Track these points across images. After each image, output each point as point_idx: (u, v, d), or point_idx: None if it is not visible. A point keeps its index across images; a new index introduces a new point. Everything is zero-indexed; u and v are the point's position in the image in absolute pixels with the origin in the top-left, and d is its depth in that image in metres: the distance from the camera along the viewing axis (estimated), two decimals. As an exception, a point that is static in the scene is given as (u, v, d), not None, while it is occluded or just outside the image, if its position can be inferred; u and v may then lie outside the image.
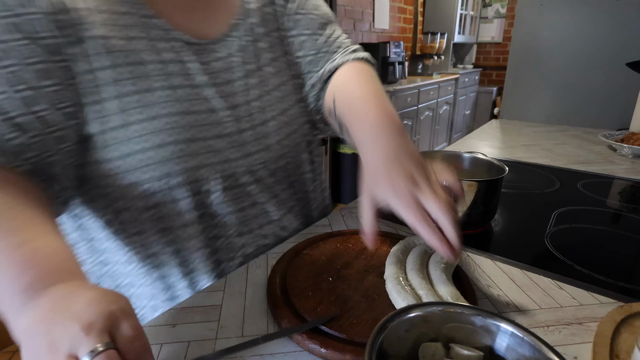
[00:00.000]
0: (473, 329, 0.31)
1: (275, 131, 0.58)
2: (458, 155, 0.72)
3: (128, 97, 0.45)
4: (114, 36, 0.45)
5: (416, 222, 0.37)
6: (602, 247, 0.58)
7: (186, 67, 0.50)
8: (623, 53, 1.37)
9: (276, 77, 0.58)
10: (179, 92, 0.49)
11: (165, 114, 0.47)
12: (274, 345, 0.38)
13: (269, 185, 0.58)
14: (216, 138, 0.51)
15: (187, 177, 0.49)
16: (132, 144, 0.46)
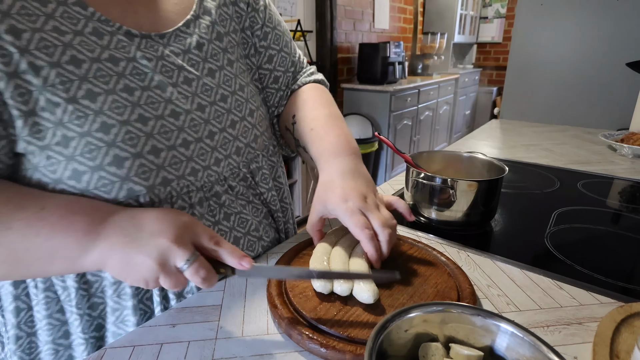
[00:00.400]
0: (473, 329, 0.31)
1: (244, 134, 0.53)
2: (458, 155, 0.72)
3: (62, 107, 0.37)
4: (28, 29, 0.36)
5: (360, 230, 0.41)
6: (602, 247, 0.58)
7: (138, 64, 0.43)
8: (623, 53, 1.37)
9: (238, 79, 0.54)
10: (135, 95, 0.41)
11: (115, 123, 0.39)
12: (274, 345, 0.38)
13: (241, 193, 0.54)
14: (183, 146, 0.45)
15: (155, 194, 0.43)
16: (77, 163, 0.38)
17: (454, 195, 0.59)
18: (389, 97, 2.77)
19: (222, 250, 0.36)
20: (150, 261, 0.33)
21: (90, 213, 0.36)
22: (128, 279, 0.35)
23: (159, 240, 0.33)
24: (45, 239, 0.34)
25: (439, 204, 0.61)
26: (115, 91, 0.40)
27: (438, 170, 0.72)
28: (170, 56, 0.46)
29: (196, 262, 0.33)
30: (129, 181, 0.41)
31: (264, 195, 0.58)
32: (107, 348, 0.38)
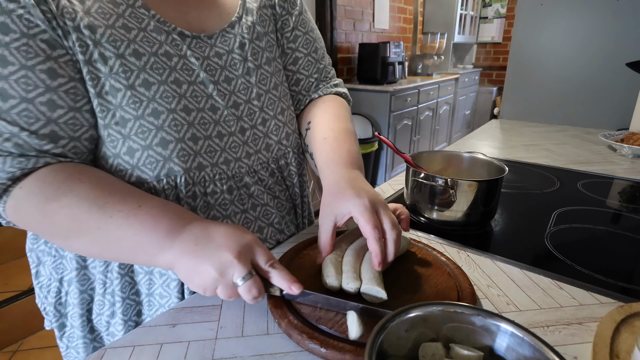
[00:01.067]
0: (473, 329, 0.31)
1: (275, 131, 0.57)
2: (458, 155, 0.72)
3: (121, 92, 0.44)
4: (102, 25, 0.42)
5: (372, 228, 0.41)
6: (602, 247, 0.58)
7: (188, 61, 0.49)
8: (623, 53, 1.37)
9: (273, 77, 0.58)
10: (183, 88, 0.47)
11: (165, 110, 0.46)
12: (274, 345, 0.38)
13: (269, 187, 0.58)
14: (218, 137, 0.50)
15: (190, 177, 0.48)
16: (132, 142, 0.45)
17: (454, 195, 0.59)
18: (389, 97, 2.77)
19: (275, 273, 0.38)
20: (213, 271, 0.36)
21: (174, 218, 0.40)
22: (190, 283, 0.38)
23: (223, 253, 0.36)
24: (134, 233, 0.39)
25: (439, 204, 0.61)
26: (166, 82, 0.46)
27: (438, 170, 0.72)
28: (215, 56, 0.51)
29: (250, 280, 0.36)
30: (170, 161, 0.47)
31: (290, 191, 0.62)
32: (107, 348, 0.38)
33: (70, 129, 0.42)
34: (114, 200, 0.40)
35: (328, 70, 0.69)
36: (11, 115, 0.38)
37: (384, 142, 0.71)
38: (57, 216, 0.39)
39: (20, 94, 0.38)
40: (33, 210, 0.39)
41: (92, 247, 0.41)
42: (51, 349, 1.49)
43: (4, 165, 0.38)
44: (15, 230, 1.76)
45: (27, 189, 0.39)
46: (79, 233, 0.39)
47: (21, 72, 0.38)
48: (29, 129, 0.39)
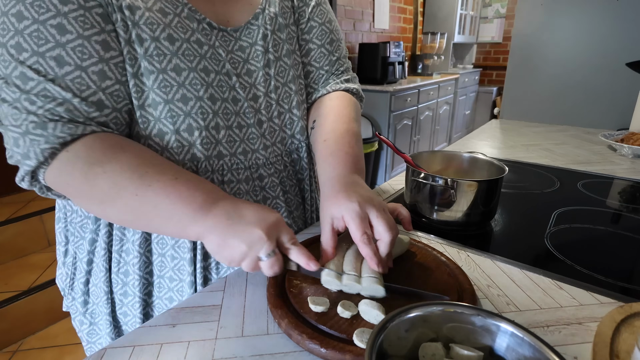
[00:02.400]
0: (473, 329, 0.31)
1: (289, 124, 0.59)
2: (458, 155, 0.72)
3: (154, 75, 0.45)
4: (143, 7, 0.44)
5: (361, 234, 0.41)
6: (602, 247, 0.58)
7: (216, 52, 0.50)
8: (623, 53, 1.37)
9: (291, 70, 0.59)
10: (210, 77, 0.49)
11: (193, 97, 0.47)
12: (274, 345, 0.38)
13: (281, 180, 0.59)
14: (237, 128, 0.52)
15: (210, 164, 0.50)
16: (161, 125, 0.47)
17: (454, 195, 0.59)
18: (389, 97, 2.77)
19: (295, 250, 0.41)
20: (243, 246, 0.38)
21: (207, 193, 0.42)
22: (218, 255, 0.40)
23: (255, 230, 0.38)
24: (170, 202, 0.41)
25: (439, 204, 0.61)
26: (196, 69, 0.47)
27: (438, 170, 0.72)
28: (238, 50, 0.53)
29: (274, 257, 0.39)
30: (194, 147, 0.49)
31: (300, 185, 0.64)
32: (107, 348, 0.38)
33: (115, 100, 0.44)
34: (154, 171, 0.42)
35: (342, 62, 0.67)
36: (65, 81, 0.40)
37: (384, 142, 0.71)
38: (98, 180, 0.41)
39: (75, 62, 0.40)
40: (77, 173, 0.41)
41: (126, 213, 0.43)
42: (51, 349, 1.49)
43: (55, 130, 0.40)
44: (16, 230, 1.77)
45: (74, 152, 0.41)
46: (116, 198, 0.41)
47: (78, 40, 0.40)
48: (80, 95, 0.41)
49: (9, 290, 1.59)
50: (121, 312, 0.55)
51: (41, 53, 0.39)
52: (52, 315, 1.62)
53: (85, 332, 0.58)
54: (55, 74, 0.39)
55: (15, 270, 1.72)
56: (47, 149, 0.40)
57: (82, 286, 0.56)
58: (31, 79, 0.39)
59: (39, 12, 0.38)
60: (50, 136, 0.40)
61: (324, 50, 0.64)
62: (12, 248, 1.80)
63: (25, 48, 0.38)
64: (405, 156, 0.64)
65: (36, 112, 0.39)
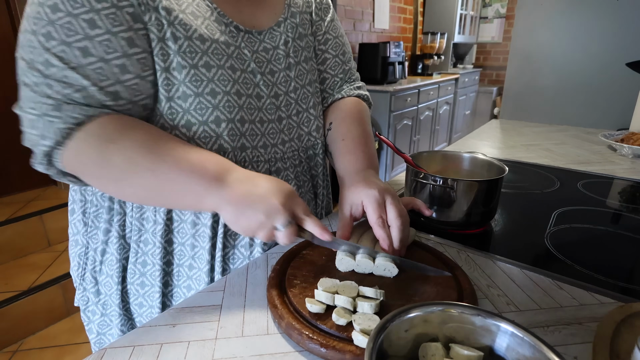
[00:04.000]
0: (473, 329, 0.31)
1: (306, 122, 0.63)
2: (458, 155, 0.72)
3: (186, 70, 0.48)
4: (177, 9, 0.48)
5: (377, 217, 0.46)
6: (602, 247, 0.58)
7: (241, 52, 0.54)
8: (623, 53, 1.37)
9: (309, 74, 0.64)
10: (236, 74, 0.53)
11: (221, 91, 0.51)
12: (274, 345, 0.38)
13: (296, 175, 0.62)
14: (259, 123, 0.55)
15: (234, 155, 0.53)
16: (190, 116, 0.49)
17: (454, 195, 0.59)
18: (389, 97, 2.77)
19: (310, 221, 0.43)
20: (260, 215, 0.40)
21: (220, 165, 0.45)
22: (235, 225, 0.42)
23: (271, 200, 0.41)
24: (185, 175, 0.43)
25: (439, 204, 0.61)
26: (224, 67, 0.51)
27: (438, 170, 0.71)
28: (262, 51, 0.57)
29: (290, 227, 0.41)
30: (221, 139, 0.51)
31: (313, 181, 0.67)
32: (107, 348, 0.38)
33: (131, 93, 0.46)
34: (167, 147, 0.44)
35: (352, 72, 0.74)
36: (86, 70, 0.42)
37: (384, 142, 0.72)
38: (114, 157, 0.43)
39: (99, 54, 0.43)
40: (92, 151, 0.43)
41: (143, 190, 0.45)
42: (51, 349, 1.49)
43: (72, 112, 0.42)
44: (16, 230, 1.77)
45: (89, 131, 0.43)
46: (132, 174, 0.43)
47: (105, 35, 0.42)
48: (99, 84, 0.43)
49: (9, 290, 1.59)
50: (136, 303, 0.57)
51: (68, 43, 0.41)
52: (52, 315, 1.62)
53: (96, 322, 0.59)
54: (78, 62, 0.42)
55: (15, 270, 1.72)
56: (63, 128, 0.42)
57: (94, 276, 0.58)
58: (54, 65, 0.41)
59: (74, 6, 0.41)
60: (67, 117, 0.42)
61: (338, 60, 0.71)
62: (12, 248, 1.80)
63: (54, 37, 0.41)
64: (405, 156, 0.64)
65: (53, 97, 0.42)
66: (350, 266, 0.47)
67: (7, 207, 1.95)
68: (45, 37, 0.41)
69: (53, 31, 0.41)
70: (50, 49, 0.41)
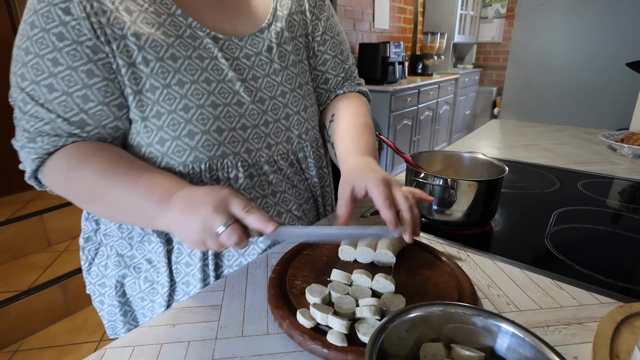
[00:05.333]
0: (474, 329, 0.31)
1: (296, 125, 0.63)
2: (458, 155, 0.72)
3: (159, 90, 0.50)
4: (146, 33, 0.49)
5: (384, 199, 0.45)
6: (602, 247, 0.58)
7: (218, 62, 0.54)
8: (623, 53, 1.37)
9: (298, 78, 0.64)
10: (212, 86, 0.53)
11: (194, 105, 0.51)
12: (274, 345, 0.38)
13: (288, 176, 0.63)
14: (242, 129, 0.56)
15: (214, 163, 0.54)
16: (163, 132, 0.51)
17: (454, 195, 0.59)
18: (389, 97, 2.77)
19: (250, 218, 0.41)
20: (197, 224, 0.41)
21: (167, 187, 0.46)
22: (186, 242, 0.43)
23: (203, 209, 0.41)
24: (134, 199, 0.46)
25: (439, 204, 0.61)
26: (197, 81, 0.52)
27: (438, 170, 0.72)
28: (244, 57, 0.57)
29: (230, 228, 0.40)
30: (195, 150, 0.52)
31: (308, 181, 0.67)
32: (107, 348, 0.38)
33: (97, 119, 0.49)
34: (120, 172, 0.47)
35: (352, 70, 0.74)
36: (53, 105, 0.47)
37: (384, 142, 0.72)
38: (75, 184, 0.48)
39: (63, 89, 0.46)
40: (60, 178, 0.49)
41: (107, 211, 0.50)
42: (51, 349, 1.49)
43: (42, 142, 0.48)
44: (15, 230, 1.77)
45: (56, 160, 0.48)
46: (94, 199, 0.49)
47: (67, 71, 0.46)
48: (64, 116, 0.47)
49: (9, 290, 1.59)
50: (139, 297, 0.60)
51: (37, 82, 0.46)
52: (52, 315, 1.62)
53: (105, 311, 0.63)
54: (45, 98, 0.46)
55: (15, 270, 1.72)
56: (36, 158, 0.49)
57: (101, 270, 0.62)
58: (28, 102, 0.46)
59: (41, 48, 0.45)
60: (39, 148, 0.48)
61: (338, 60, 0.71)
62: (12, 248, 1.80)
63: (26, 77, 0.46)
64: (405, 156, 0.64)
65: (29, 130, 0.48)
66: (352, 255, 0.50)
67: (7, 207, 1.94)
68: (21, 77, 0.46)
69: (26, 72, 0.46)
70: (24, 89, 0.46)
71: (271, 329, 0.40)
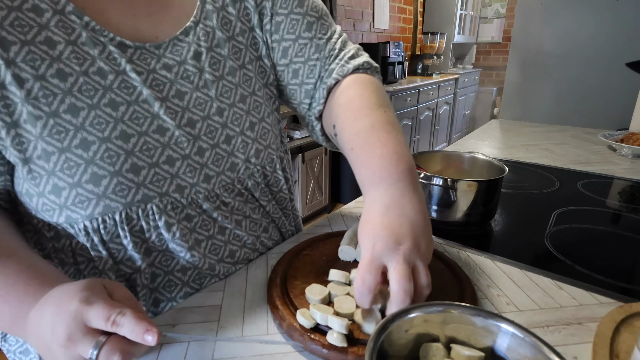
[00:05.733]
0: (474, 329, 0.31)
1: (242, 149, 0.50)
2: (458, 155, 0.72)
3: (41, 121, 0.37)
4: (18, 41, 0.36)
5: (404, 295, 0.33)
6: (602, 247, 0.58)
7: (127, 77, 0.41)
8: (623, 53, 1.37)
9: (239, 89, 0.50)
10: (120, 110, 0.40)
11: (97, 139, 0.39)
12: (274, 345, 0.38)
13: (237, 208, 0.51)
14: (167, 163, 0.43)
15: (133, 211, 0.42)
16: (57, 179, 0.38)
17: (454, 195, 0.59)
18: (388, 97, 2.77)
19: (123, 330, 0.30)
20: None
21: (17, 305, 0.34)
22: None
23: (54, 346, 0.30)
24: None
25: (439, 204, 0.61)
26: (99, 106, 0.39)
27: (438, 170, 0.72)
28: (162, 69, 0.44)
29: (102, 352, 0.29)
30: (105, 198, 0.40)
31: (266, 208, 0.56)
32: (107, 348, 0.38)
33: None
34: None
35: (334, 42, 0.54)
36: None
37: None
38: None
39: None
40: None
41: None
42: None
43: None
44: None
45: None
46: None
47: None
48: None
49: (8, 290, 1.59)
50: None
51: None
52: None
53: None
54: None
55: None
56: None
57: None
58: None
59: None
60: None
61: (302, 40, 0.52)
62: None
63: None
64: (405, 156, 0.64)
65: None
66: (352, 255, 0.49)
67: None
68: None
69: None
70: None
71: (271, 329, 0.40)
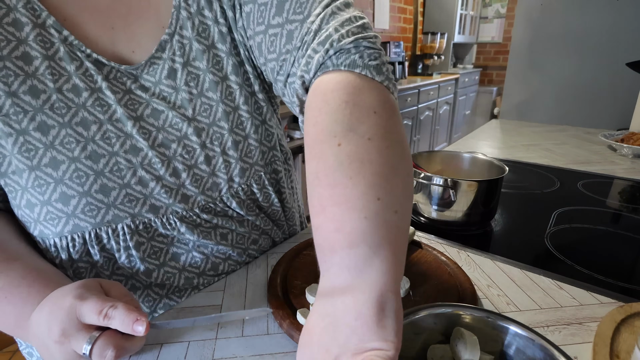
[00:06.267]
0: (483, 331, 0.31)
1: (224, 169, 0.47)
2: (458, 155, 0.72)
3: (12, 138, 0.37)
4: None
5: None
6: (602, 247, 0.58)
7: (102, 95, 0.40)
8: (623, 53, 1.37)
9: (223, 104, 0.46)
10: (92, 130, 0.40)
11: (66, 159, 0.39)
12: (274, 345, 0.38)
13: (219, 226, 0.49)
14: (140, 184, 0.42)
15: (102, 231, 0.41)
16: (29, 195, 0.39)
17: (454, 195, 0.59)
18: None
19: (114, 323, 0.32)
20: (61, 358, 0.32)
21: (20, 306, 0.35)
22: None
23: (51, 346, 0.32)
24: None
25: (439, 204, 0.61)
26: (70, 125, 0.39)
27: (438, 170, 0.72)
28: (139, 89, 0.43)
29: (95, 347, 0.31)
30: (74, 217, 0.40)
31: (255, 222, 0.52)
32: (107, 348, 0.38)
33: None
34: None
35: (310, 22, 0.36)
36: None
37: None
38: None
39: None
40: None
41: None
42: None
43: None
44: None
45: None
46: None
47: None
48: None
49: None
50: None
51: None
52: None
53: None
54: None
55: None
56: None
57: None
58: None
59: None
60: None
61: (273, 30, 0.40)
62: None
63: None
64: (405, 156, 0.64)
65: None
66: None
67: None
68: None
69: None
70: None
71: (271, 329, 0.40)
